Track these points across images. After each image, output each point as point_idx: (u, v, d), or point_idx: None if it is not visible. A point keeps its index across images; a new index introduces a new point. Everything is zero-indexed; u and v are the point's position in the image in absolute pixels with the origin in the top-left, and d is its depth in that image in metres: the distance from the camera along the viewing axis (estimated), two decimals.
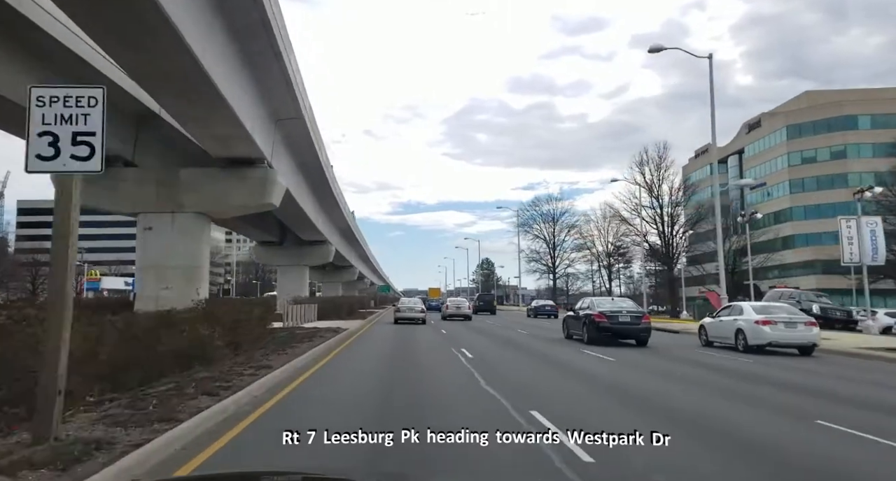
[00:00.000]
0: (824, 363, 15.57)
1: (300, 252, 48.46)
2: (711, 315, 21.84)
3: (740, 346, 17.82)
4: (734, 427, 7.28)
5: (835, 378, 12.64)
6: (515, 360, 15.10)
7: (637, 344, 19.13)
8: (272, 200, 24.32)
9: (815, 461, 5.91)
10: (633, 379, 11.59)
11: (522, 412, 7.46)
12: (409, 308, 32.63)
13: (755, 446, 6.29)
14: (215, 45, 16.07)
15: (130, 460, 4.87)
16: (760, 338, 17.36)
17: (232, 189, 23.69)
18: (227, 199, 23.85)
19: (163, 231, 23.15)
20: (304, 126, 25.73)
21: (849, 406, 8.96)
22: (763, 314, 17.99)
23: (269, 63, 19.32)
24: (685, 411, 8.31)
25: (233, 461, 5.40)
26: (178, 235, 23.19)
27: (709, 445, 6.34)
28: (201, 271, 23.80)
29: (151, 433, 5.70)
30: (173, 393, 7.82)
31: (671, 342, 21.77)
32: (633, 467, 5.16)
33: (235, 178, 23.60)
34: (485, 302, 53.40)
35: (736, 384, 11.14)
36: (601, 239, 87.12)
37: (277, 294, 47.40)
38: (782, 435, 6.94)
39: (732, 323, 18.55)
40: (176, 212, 23.32)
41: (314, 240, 47.44)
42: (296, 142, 27.63)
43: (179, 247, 23.09)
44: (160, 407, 6.85)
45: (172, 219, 23.27)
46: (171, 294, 21.41)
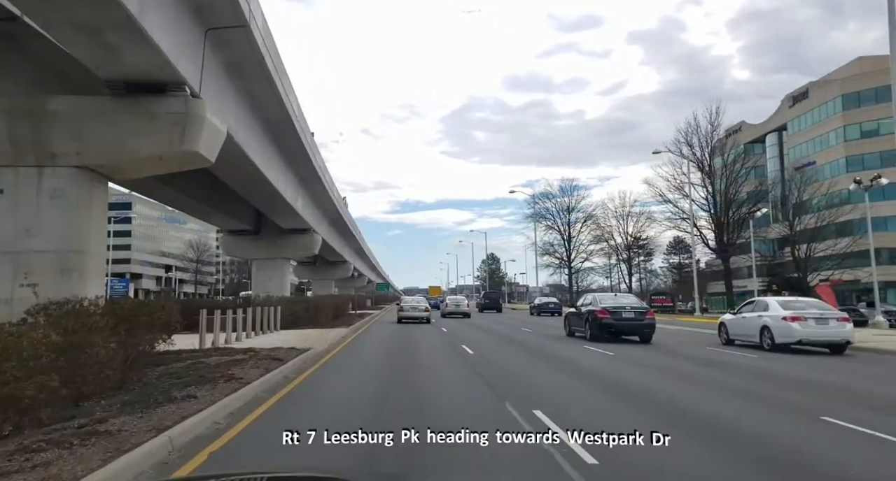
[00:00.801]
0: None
1: (279, 242, 40.10)
2: (732, 311, 21.00)
3: (766, 344, 16.85)
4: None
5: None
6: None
7: (640, 340, 18.77)
8: (198, 148, 15.64)
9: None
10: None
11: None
12: (413, 307, 31.64)
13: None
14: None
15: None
16: (789, 335, 16.37)
17: (134, 130, 15.18)
18: (126, 146, 15.28)
19: (21, 196, 14.71)
20: (252, 45, 17.32)
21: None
22: (791, 309, 16.84)
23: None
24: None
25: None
26: (49, 202, 14.75)
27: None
28: (86, 260, 15.25)
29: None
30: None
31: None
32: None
33: (139, 114, 15.14)
34: (490, 299, 53.36)
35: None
36: (620, 230, 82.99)
37: (253, 293, 38.91)
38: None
39: (756, 319, 17.56)
40: (45, 167, 14.87)
41: (295, 227, 39.11)
42: (245, 72, 19.19)
43: (49, 221, 14.66)
44: None
45: (39, 178, 14.82)
46: (31, 294, 12.91)
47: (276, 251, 40.43)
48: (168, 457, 5.58)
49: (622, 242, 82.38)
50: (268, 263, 40.48)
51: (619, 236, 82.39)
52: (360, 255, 76.21)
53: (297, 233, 40.12)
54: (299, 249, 41.83)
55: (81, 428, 6.11)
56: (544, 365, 13.31)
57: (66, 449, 5.41)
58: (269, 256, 40.56)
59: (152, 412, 6.95)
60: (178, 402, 7.52)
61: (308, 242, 40.84)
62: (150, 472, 5.19)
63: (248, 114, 21.46)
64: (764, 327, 17.03)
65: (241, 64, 18.54)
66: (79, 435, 5.79)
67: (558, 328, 24.37)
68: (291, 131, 25.43)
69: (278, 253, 40.58)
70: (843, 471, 5.30)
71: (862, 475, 5.22)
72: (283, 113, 23.02)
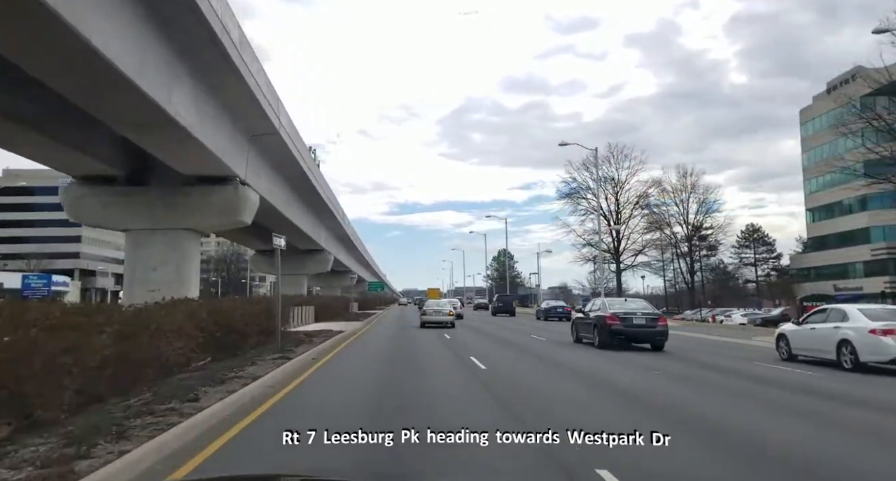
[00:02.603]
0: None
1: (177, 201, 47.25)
2: (796, 321, 17.62)
3: (846, 363, 13.78)
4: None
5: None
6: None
7: (652, 348, 17.72)
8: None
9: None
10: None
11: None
12: (437, 310, 29.54)
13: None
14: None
15: None
16: (879, 353, 13.28)
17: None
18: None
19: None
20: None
21: None
22: (881, 320, 13.70)
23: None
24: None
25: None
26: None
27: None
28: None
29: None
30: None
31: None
32: None
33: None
34: (504, 303, 52.92)
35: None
36: (680, 214, 66.67)
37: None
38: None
39: (832, 331, 14.41)
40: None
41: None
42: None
43: None
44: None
45: None
46: None
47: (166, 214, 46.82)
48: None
49: (682, 233, 67.06)
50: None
51: (677, 224, 66.74)
52: (343, 244, 60.50)
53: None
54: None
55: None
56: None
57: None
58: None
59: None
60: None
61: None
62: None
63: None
64: (843, 341, 14.02)
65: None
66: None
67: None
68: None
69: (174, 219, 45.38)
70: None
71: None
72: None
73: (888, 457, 5.96)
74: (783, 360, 15.99)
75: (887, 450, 6.29)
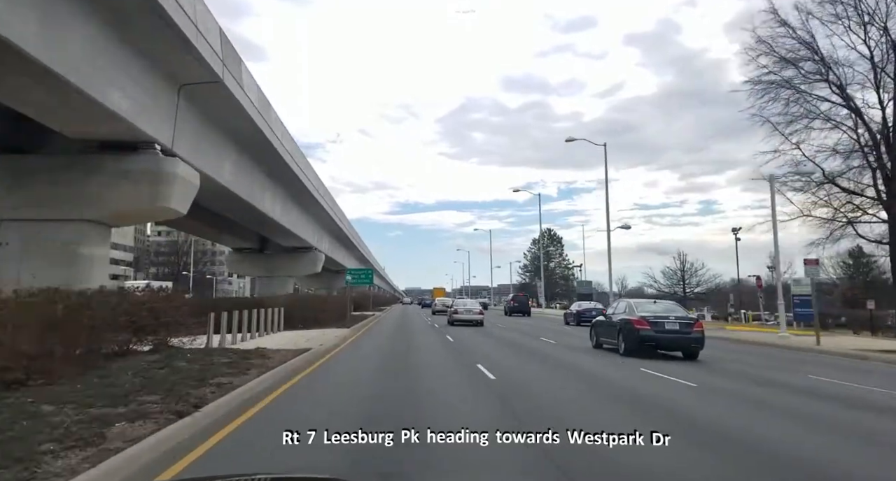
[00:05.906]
0: None
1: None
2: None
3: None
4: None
5: None
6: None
7: (685, 357, 16.05)
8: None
9: None
10: None
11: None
12: (468, 310, 31.21)
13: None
14: None
15: None
16: None
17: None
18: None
19: None
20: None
21: None
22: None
23: None
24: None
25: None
26: None
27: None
28: None
29: None
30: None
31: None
32: None
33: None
34: (519, 303, 53.22)
35: None
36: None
37: None
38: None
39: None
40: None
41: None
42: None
43: None
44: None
45: None
46: None
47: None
48: None
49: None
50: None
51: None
52: (342, 243, 54.86)
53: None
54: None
55: None
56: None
57: None
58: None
59: None
60: None
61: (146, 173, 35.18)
62: None
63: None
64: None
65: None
66: None
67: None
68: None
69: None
70: None
71: None
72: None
73: None
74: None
75: None
